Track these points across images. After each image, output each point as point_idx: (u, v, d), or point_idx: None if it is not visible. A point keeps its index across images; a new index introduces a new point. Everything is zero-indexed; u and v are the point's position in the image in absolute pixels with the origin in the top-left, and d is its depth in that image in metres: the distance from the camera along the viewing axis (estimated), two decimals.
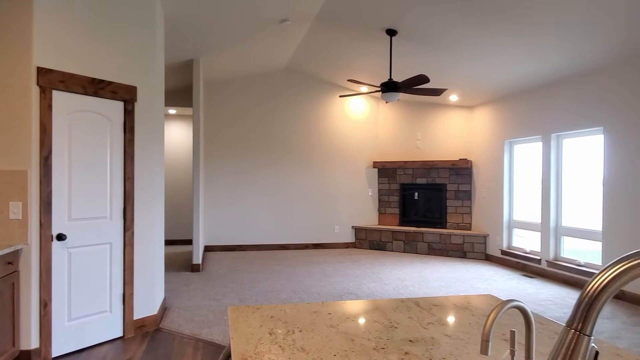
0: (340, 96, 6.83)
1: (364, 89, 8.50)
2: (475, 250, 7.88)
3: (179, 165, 9.40)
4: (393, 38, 5.89)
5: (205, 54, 6.65)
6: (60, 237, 3.40)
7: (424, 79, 5.32)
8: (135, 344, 3.73)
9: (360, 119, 9.06)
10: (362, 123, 9.07)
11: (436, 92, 5.78)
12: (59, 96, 3.40)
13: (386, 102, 8.91)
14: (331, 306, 1.67)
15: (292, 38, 6.69)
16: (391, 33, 5.72)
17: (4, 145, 3.22)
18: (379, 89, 5.92)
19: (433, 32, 5.53)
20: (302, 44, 7.05)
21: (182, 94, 8.28)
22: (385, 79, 7.23)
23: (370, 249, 8.81)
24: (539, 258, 6.52)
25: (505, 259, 7.31)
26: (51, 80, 3.32)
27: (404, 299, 1.78)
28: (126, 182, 3.87)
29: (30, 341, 3.24)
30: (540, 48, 5.31)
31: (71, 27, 3.47)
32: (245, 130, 8.58)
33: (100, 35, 3.67)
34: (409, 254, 8.28)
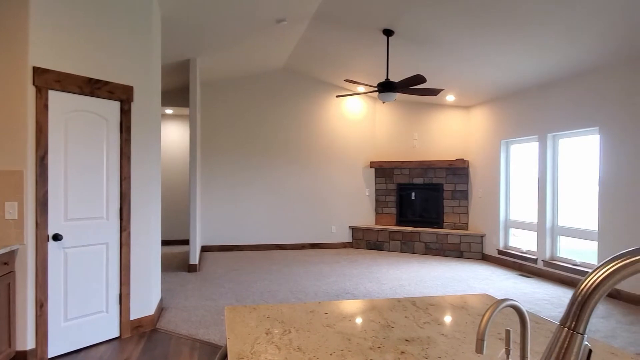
0: (337, 96, 6.83)
1: (360, 89, 8.50)
2: (472, 250, 7.90)
3: (175, 165, 9.39)
4: (390, 38, 5.90)
5: (202, 54, 6.64)
6: (57, 238, 3.39)
7: (420, 79, 5.34)
8: (131, 344, 3.73)
9: (357, 119, 9.07)
10: (359, 123, 9.08)
11: (433, 92, 5.79)
12: (55, 96, 3.39)
13: (383, 102, 8.91)
14: (328, 306, 1.67)
15: (289, 38, 6.69)
16: (388, 33, 5.73)
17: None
18: (376, 89, 5.93)
19: (430, 33, 5.54)
20: (299, 44, 7.05)
21: (179, 94, 8.27)
22: (382, 79, 7.24)
23: (367, 248, 8.82)
24: (536, 258, 6.54)
25: (501, 258, 7.33)
26: (47, 80, 3.31)
27: (400, 298, 1.78)
28: (122, 182, 3.86)
29: (26, 342, 3.23)
30: (536, 48, 5.32)
31: (67, 27, 3.46)
32: (242, 130, 8.57)
33: (96, 35, 3.66)
34: (406, 254, 8.29)
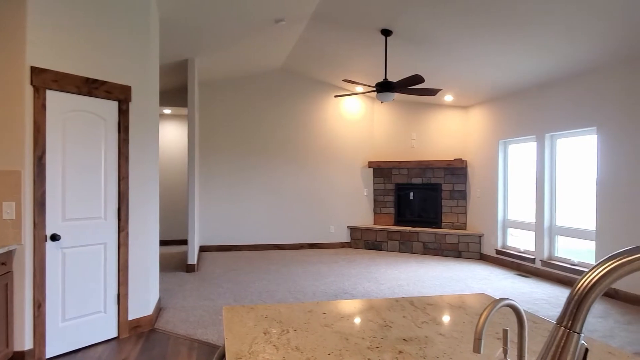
0: (336, 96, 6.83)
1: (359, 89, 8.51)
2: (470, 249, 7.91)
3: (174, 165, 9.38)
4: (388, 38, 5.91)
5: (201, 54, 6.64)
6: (54, 238, 3.39)
7: (419, 79, 5.34)
8: (130, 344, 3.72)
9: (355, 119, 9.07)
10: (358, 123, 9.08)
11: (431, 92, 5.79)
12: (52, 96, 3.38)
13: (381, 102, 8.89)
14: (325, 306, 1.67)
15: (288, 38, 6.69)
16: (386, 33, 5.74)
17: None
18: (374, 89, 5.93)
19: (428, 33, 5.55)
20: (298, 44, 7.05)
21: (177, 94, 8.26)
22: (381, 79, 7.25)
23: (365, 248, 8.82)
24: (533, 257, 6.55)
25: (500, 258, 7.34)
26: (45, 79, 3.30)
27: (398, 298, 1.78)
28: (121, 182, 3.85)
29: (24, 342, 3.22)
30: (535, 48, 5.33)
31: (65, 27, 3.45)
32: (241, 130, 8.56)
33: (94, 34, 3.65)
34: (404, 254, 8.30)
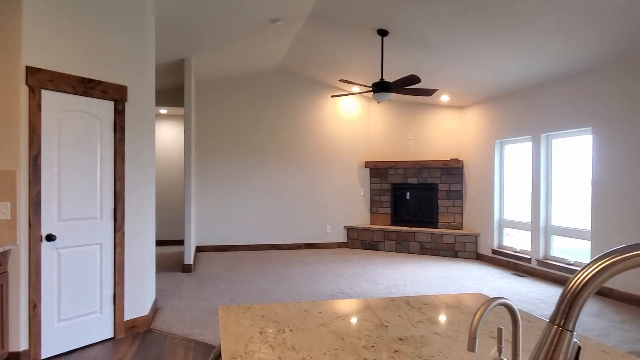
0: (332, 96, 6.84)
1: (355, 89, 8.51)
2: (466, 249, 7.93)
3: (170, 165, 9.36)
4: (384, 38, 5.91)
5: (197, 53, 6.63)
6: (50, 238, 3.38)
7: (415, 79, 5.35)
8: (126, 344, 3.72)
9: (352, 119, 9.08)
10: (354, 123, 9.09)
11: (427, 93, 5.81)
12: (48, 96, 3.37)
13: (378, 102, 8.93)
14: (322, 305, 1.67)
15: (284, 38, 6.69)
16: (383, 33, 5.75)
17: None
18: (371, 89, 5.94)
19: (424, 33, 5.56)
20: (294, 44, 7.05)
21: (174, 94, 8.25)
22: (377, 79, 7.25)
23: (362, 248, 8.83)
24: (529, 257, 6.57)
25: (496, 258, 7.37)
26: (40, 79, 3.29)
27: (394, 297, 1.79)
28: (117, 182, 3.84)
29: (19, 343, 3.21)
30: (530, 49, 5.35)
31: (61, 26, 3.44)
32: (237, 130, 8.56)
33: (90, 34, 3.64)
34: (400, 254, 8.31)
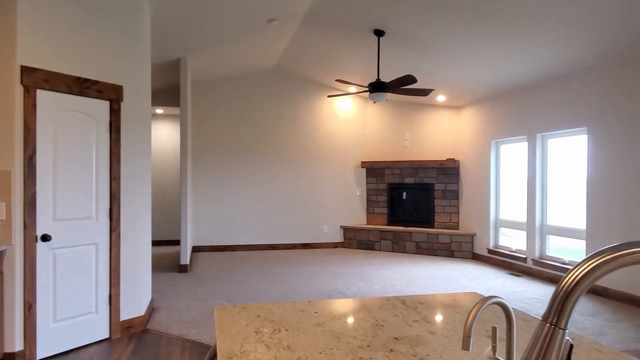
0: (329, 96, 6.84)
1: (352, 89, 8.52)
2: (462, 249, 7.95)
3: (166, 165, 9.34)
4: (381, 39, 5.92)
5: (193, 53, 6.62)
6: (45, 238, 3.36)
7: (411, 79, 5.36)
8: (122, 345, 3.71)
9: (348, 119, 9.09)
10: (351, 123, 9.10)
11: (423, 93, 5.82)
12: (43, 95, 3.36)
13: (374, 102, 8.93)
14: (317, 305, 1.68)
15: (281, 38, 6.69)
16: (379, 34, 5.75)
17: None
18: (367, 89, 5.95)
19: (420, 33, 5.57)
20: (291, 44, 7.05)
21: (170, 94, 8.23)
22: (373, 79, 7.26)
23: (358, 248, 8.84)
24: (525, 257, 6.60)
25: (492, 257, 7.39)
26: (35, 79, 3.28)
27: (390, 297, 1.79)
28: (112, 182, 3.83)
29: (15, 343, 3.19)
30: (526, 49, 5.37)
31: (56, 26, 3.43)
32: (234, 130, 8.55)
33: (85, 34, 3.63)
34: (397, 254, 8.32)
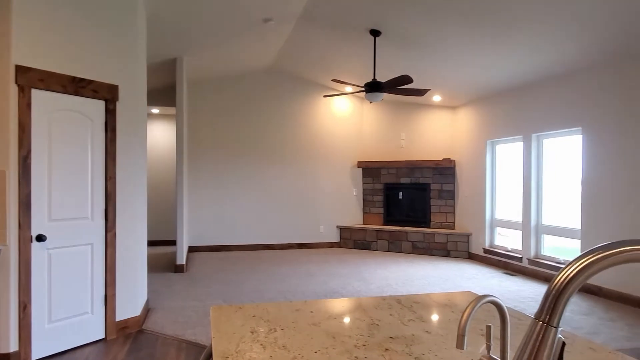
0: (325, 96, 6.84)
1: (348, 89, 8.53)
2: (458, 249, 7.97)
3: (162, 164, 9.31)
4: (377, 39, 5.93)
5: (189, 53, 6.60)
6: (40, 238, 3.35)
7: (407, 79, 5.37)
8: (117, 345, 3.70)
9: (344, 119, 9.09)
10: (347, 123, 9.11)
11: (419, 93, 5.83)
12: (38, 95, 3.34)
13: (370, 102, 8.95)
14: (313, 304, 1.68)
15: (277, 38, 6.69)
16: (375, 34, 5.76)
17: None
18: (363, 89, 5.95)
19: (416, 33, 5.58)
20: (287, 44, 7.05)
21: (166, 93, 8.21)
22: (369, 79, 7.27)
23: (354, 248, 8.85)
24: (521, 256, 6.63)
25: (487, 257, 7.41)
26: (30, 78, 3.26)
27: (385, 296, 1.80)
28: (108, 182, 3.82)
29: (9, 344, 3.18)
30: (521, 50, 5.40)
31: (51, 25, 3.41)
32: (230, 129, 8.54)
33: (81, 33, 3.62)
34: (393, 253, 8.34)
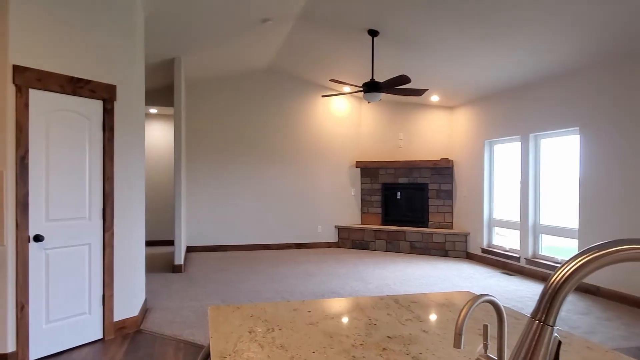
0: (323, 96, 6.85)
1: (346, 89, 8.53)
2: (456, 248, 7.98)
3: (160, 164, 9.30)
4: (375, 39, 5.94)
5: (187, 53, 6.60)
6: (38, 238, 3.34)
7: (405, 79, 5.38)
8: (115, 345, 3.69)
9: (342, 119, 9.10)
10: (345, 123, 9.11)
11: (417, 93, 5.84)
12: (35, 95, 3.34)
13: (368, 102, 8.96)
14: (311, 304, 1.68)
15: (275, 38, 6.69)
16: (373, 34, 5.77)
17: None
18: (361, 89, 5.96)
19: (414, 34, 5.59)
20: (285, 44, 7.05)
21: (164, 93, 8.20)
22: (368, 79, 7.28)
23: (353, 248, 8.85)
24: (518, 256, 6.64)
25: (485, 257, 7.43)
26: (28, 78, 3.26)
27: (383, 296, 1.80)
28: (105, 182, 3.82)
29: (7, 345, 3.17)
30: (519, 50, 5.41)
31: (49, 25, 3.41)
32: (228, 129, 8.53)
33: (78, 33, 3.61)
34: (391, 253, 8.35)
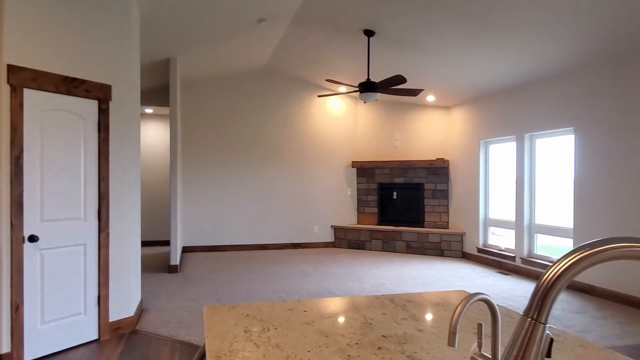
0: (319, 96, 6.85)
1: (342, 89, 8.54)
2: (452, 248, 8.00)
3: (156, 164, 9.28)
4: (371, 39, 5.95)
5: (183, 53, 6.58)
6: (32, 239, 3.33)
7: (401, 79, 5.39)
8: (110, 346, 3.68)
9: (338, 119, 9.10)
10: (341, 123, 9.12)
11: (413, 93, 5.85)
12: (30, 95, 3.32)
13: (364, 102, 8.96)
14: (307, 304, 1.68)
15: (271, 38, 6.69)
16: (369, 34, 5.78)
17: None
18: (357, 89, 5.96)
19: (410, 34, 5.60)
20: (281, 44, 7.05)
21: (160, 93, 8.18)
22: (364, 79, 7.29)
23: (349, 248, 8.86)
24: (514, 255, 6.67)
25: (481, 256, 7.45)
26: (22, 78, 3.24)
27: (378, 295, 1.80)
28: (101, 182, 3.81)
29: (1, 345, 3.16)
30: (514, 51, 5.43)
31: (43, 25, 3.39)
32: (224, 129, 8.52)
33: (73, 33, 3.60)
34: (387, 253, 8.36)
